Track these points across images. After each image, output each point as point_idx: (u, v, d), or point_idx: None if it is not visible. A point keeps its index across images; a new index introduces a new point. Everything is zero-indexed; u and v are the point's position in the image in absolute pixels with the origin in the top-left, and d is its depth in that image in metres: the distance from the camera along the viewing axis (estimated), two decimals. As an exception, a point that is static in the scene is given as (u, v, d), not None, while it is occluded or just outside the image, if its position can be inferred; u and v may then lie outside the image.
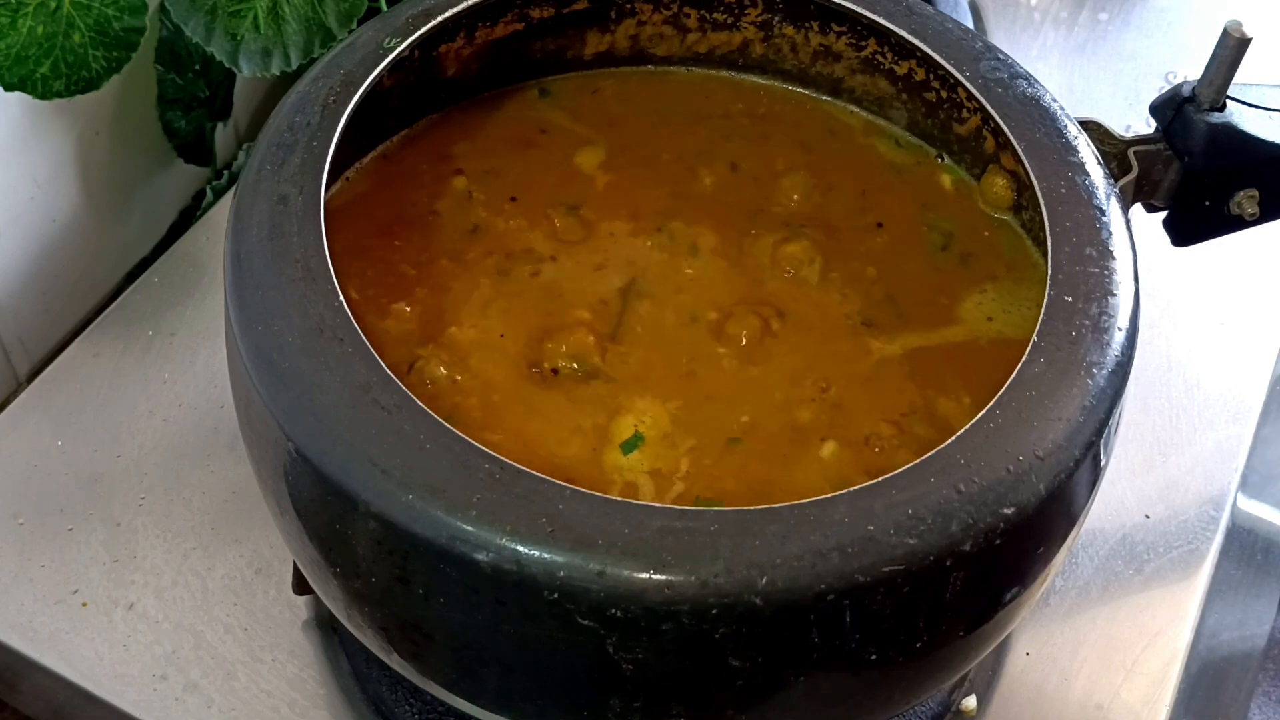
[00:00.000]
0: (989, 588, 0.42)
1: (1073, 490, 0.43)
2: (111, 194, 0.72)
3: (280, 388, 0.42)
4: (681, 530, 0.39)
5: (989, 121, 0.52)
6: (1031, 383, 0.43)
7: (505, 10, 0.55)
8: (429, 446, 0.40)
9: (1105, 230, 0.48)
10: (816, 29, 0.57)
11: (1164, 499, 0.65)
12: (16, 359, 0.69)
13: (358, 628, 0.45)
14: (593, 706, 0.42)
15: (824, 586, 0.38)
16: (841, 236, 0.54)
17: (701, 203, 0.55)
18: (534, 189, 0.54)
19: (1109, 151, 0.54)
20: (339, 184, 0.53)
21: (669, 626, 0.38)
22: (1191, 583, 0.62)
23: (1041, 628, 0.60)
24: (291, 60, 0.65)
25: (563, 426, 0.47)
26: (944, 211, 0.55)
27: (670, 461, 0.46)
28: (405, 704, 0.55)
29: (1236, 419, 0.69)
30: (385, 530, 0.40)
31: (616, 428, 0.47)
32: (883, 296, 0.52)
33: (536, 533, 0.38)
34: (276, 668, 0.57)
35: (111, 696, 0.56)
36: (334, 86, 0.49)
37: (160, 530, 0.61)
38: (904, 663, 0.42)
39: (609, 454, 0.46)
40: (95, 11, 0.61)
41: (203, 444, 0.64)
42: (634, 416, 0.47)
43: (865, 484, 0.40)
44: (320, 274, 0.44)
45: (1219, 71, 0.53)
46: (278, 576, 0.59)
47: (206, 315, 0.69)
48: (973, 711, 0.57)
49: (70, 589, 0.59)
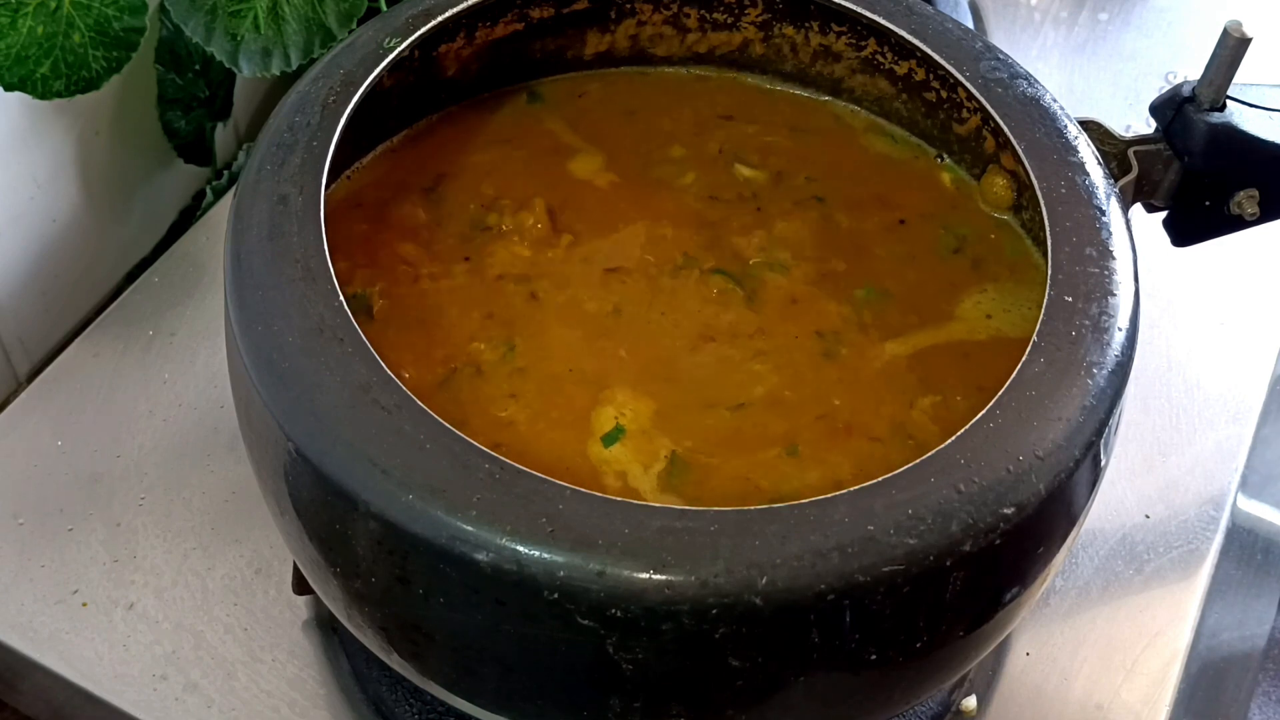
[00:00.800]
0: (989, 588, 0.42)
1: (1073, 490, 0.43)
2: (111, 194, 0.72)
3: (280, 388, 0.42)
4: (681, 530, 0.39)
5: (989, 121, 0.52)
6: (1031, 383, 0.43)
7: (505, 10, 0.55)
8: (429, 446, 0.40)
9: (1105, 230, 0.48)
10: (816, 29, 0.57)
11: (1164, 499, 0.65)
12: (16, 359, 0.69)
13: (358, 628, 0.45)
14: (593, 706, 0.42)
15: (824, 586, 0.38)
16: (842, 236, 0.54)
17: (701, 203, 0.55)
18: (527, 190, 0.54)
19: (1109, 151, 0.54)
20: (338, 183, 0.53)
21: (669, 626, 0.38)
22: (1191, 583, 0.62)
23: (1041, 628, 0.60)
24: (291, 60, 0.65)
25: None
26: (948, 211, 0.55)
27: (649, 453, 0.46)
28: (405, 704, 0.55)
29: (1236, 419, 0.69)
30: (385, 530, 0.40)
31: (598, 420, 0.47)
32: (882, 296, 0.52)
33: (536, 533, 0.38)
34: (276, 668, 0.57)
35: (111, 696, 0.56)
36: (334, 86, 0.49)
37: (160, 530, 0.61)
38: (904, 663, 0.42)
39: (593, 446, 0.46)
40: (95, 11, 0.61)
41: (203, 444, 0.64)
42: (614, 409, 0.47)
43: (865, 484, 0.40)
44: (320, 274, 0.44)
45: (1219, 71, 0.53)
46: (278, 576, 0.59)
47: (206, 315, 0.69)
48: (973, 711, 0.57)
49: (70, 589, 0.59)
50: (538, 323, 0.50)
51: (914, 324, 0.51)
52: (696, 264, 0.52)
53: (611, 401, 0.47)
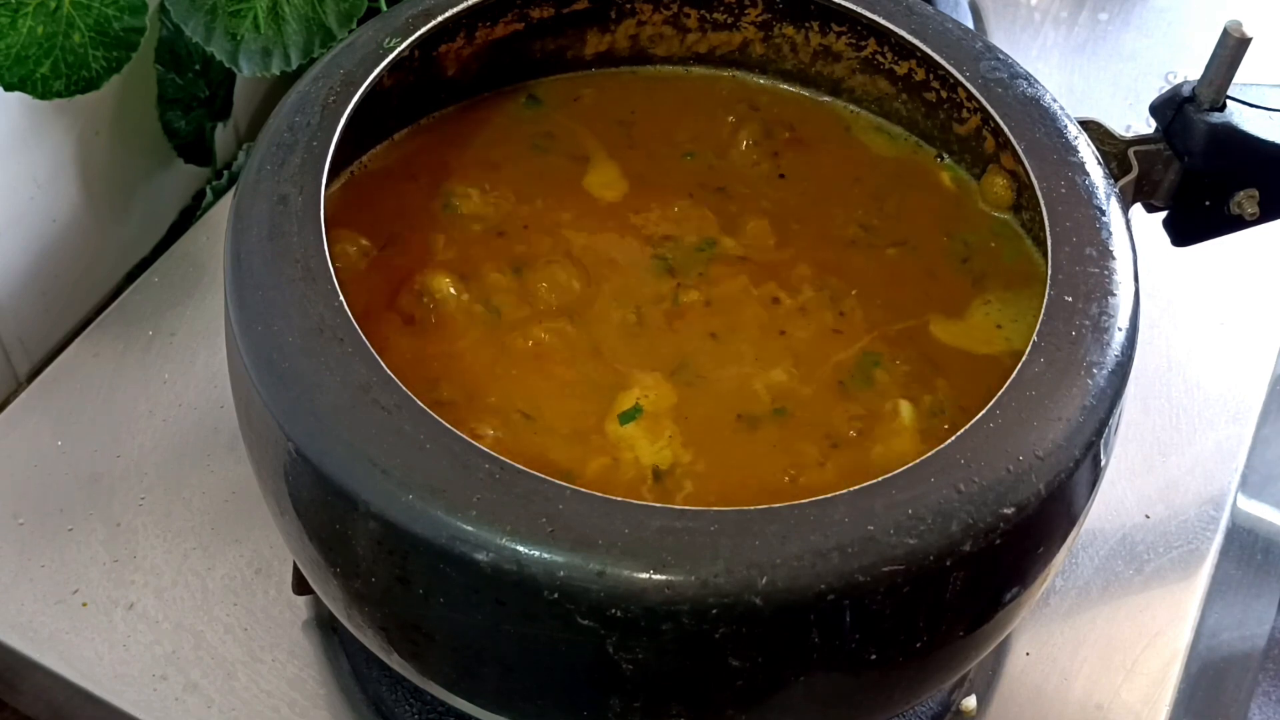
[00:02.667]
0: (989, 588, 0.42)
1: (1073, 490, 0.43)
2: (111, 194, 0.72)
3: (280, 388, 0.42)
4: (681, 530, 0.39)
5: (989, 121, 0.52)
6: (1031, 383, 0.43)
7: (505, 10, 0.55)
8: (429, 446, 0.40)
9: (1105, 230, 0.48)
10: (816, 29, 0.57)
11: (1164, 499, 0.65)
12: (16, 359, 0.69)
13: (358, 628, 0.45)
14: (593, 706, 0.42)
15: (824, 586, 0.38)
16: (840, 236, 0.54)
17: (700, 203, 0.55)
18: (527, 192, 0.54)
19: (1109, 151, 0.54)
20: (338, 182, 0.53)
21: (669, 626, 0.38)
22: (1191, 583, 0.62)
23: (1041, 628, 0.60)
24: (291, 60, 0.65)
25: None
26: (950, 212, 0.55)
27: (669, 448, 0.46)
28: (405, 704, 0.55)
29: (1236, 419, 0.69)
30: (385, 530, 0.40)
31: (618, 404, 0.47)
32: (883, 298, 0.52)
33: (536, 533, 0.38)
34: (276, 668, 0.57)
35: (111, 696, 0.56)
36: (334, 86, 0.49)
37: (160, 530, 0.61)
38: (904, 663, 0.42)
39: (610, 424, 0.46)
40: (95, 11, 0.61)
41: (203, 444, 0.64)
42: (639, 390, 0.47)
43: (865, 484, 0.40)
44: (320, 274, 0.44)
45: (1219, 71, 0.53)
46: (278, 576, 0.59)
47: (206, 315, 0.69)
48: (973, 711, 0.57)
49: (70, 589, 0.59)
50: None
51: (914, 326, 0.51)
52: (697, 264, 0.52)
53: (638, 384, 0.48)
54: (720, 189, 0.55)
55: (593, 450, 0.46)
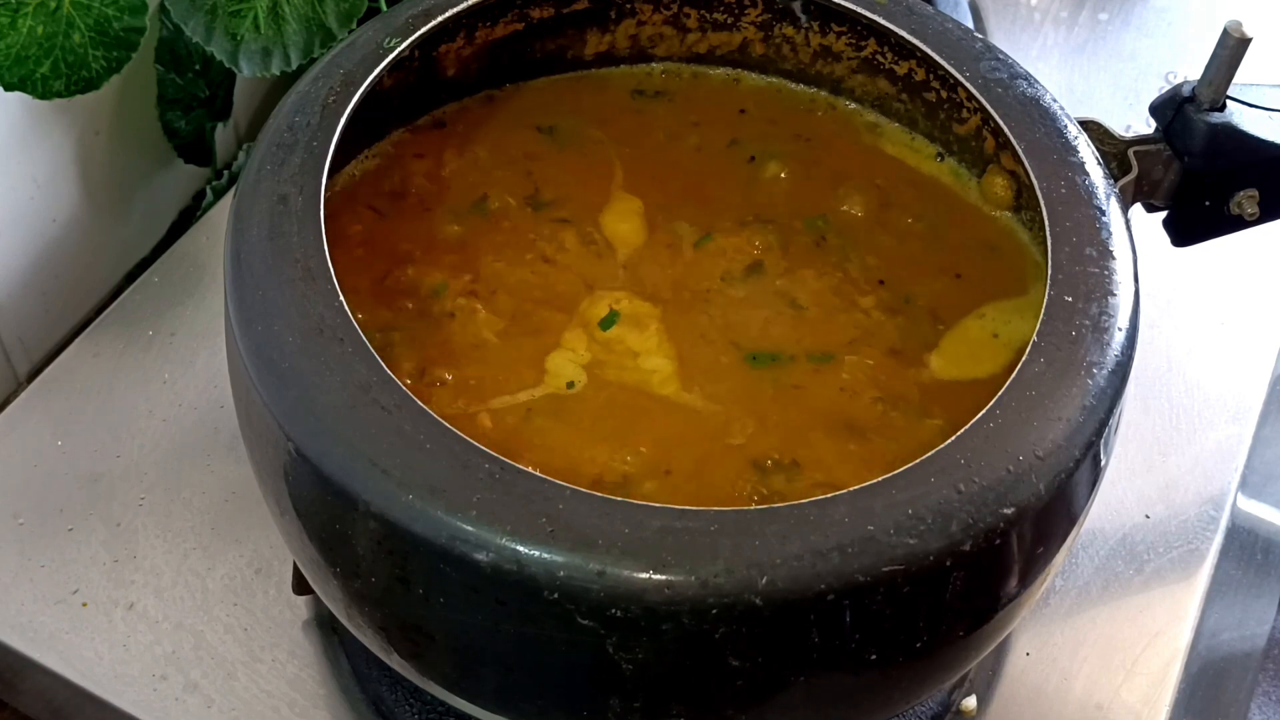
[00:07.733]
0: (989, 588, 0.42)
1: (1073, 490, 0.43)
2: (111, 194, 0.72)
3: (280, 388, 0.42)
4: (681, 530, 0.39)
5: (989, 121, 0.52)
6: (1031, 383, 0.43)
7: (505, 10, 0.55)
8: (429, 446, 0.40)
9: (1105, 230, 0.48)
10: (816, 29, 0.57)
11: (1164, 499, 0.65)
12: (16, 359, 0.69)
13: (358, 628, 0.45)
14: (593, 706, 0.42)
15: (824, 586, 0.38)
16: (842, 235, 0.54)
17: (701, 204, 0.55)
18: (528, 192, 0.54)
19: (1109, 151, 0.54)
20: (338, 181, 0.53)
21: (669, 626, 0.38)
22: (1191, 583, 0.62)
23: (1041, 628, 0.60)
24: (291, 60, 0.65)
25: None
26: (950, 212, 0.55)
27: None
28: (405, 704, 0.55)
29: (1236, 419, 0.69)
30: (385, 530, 0.40)
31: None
32: (882, 299, 0.52)
33: (536, 533, 0.38)
34: (276, 668, 0.57)
35: (111, 696, 0.56)
36: (334, 86, 0.49)
37: (160, 530, 0.61)
38: (904, 663, 0.42)
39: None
40: (95, 11, 0.61)
41: (203, 444, 0.64)
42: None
43: (865, 484, 0.40)
44: (320, 274, 0.44)
45: (1219, 71, 0.53)
46: (278, 576, 0.59)
47: (206, 315, 0.69)
48: (973, 711, 0.57)
49: (70, 589, 0.59)
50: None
51: (917, 325, 0.51)
52: (698, 265, 0.52)
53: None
54: (722, 194, 0.55)
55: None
